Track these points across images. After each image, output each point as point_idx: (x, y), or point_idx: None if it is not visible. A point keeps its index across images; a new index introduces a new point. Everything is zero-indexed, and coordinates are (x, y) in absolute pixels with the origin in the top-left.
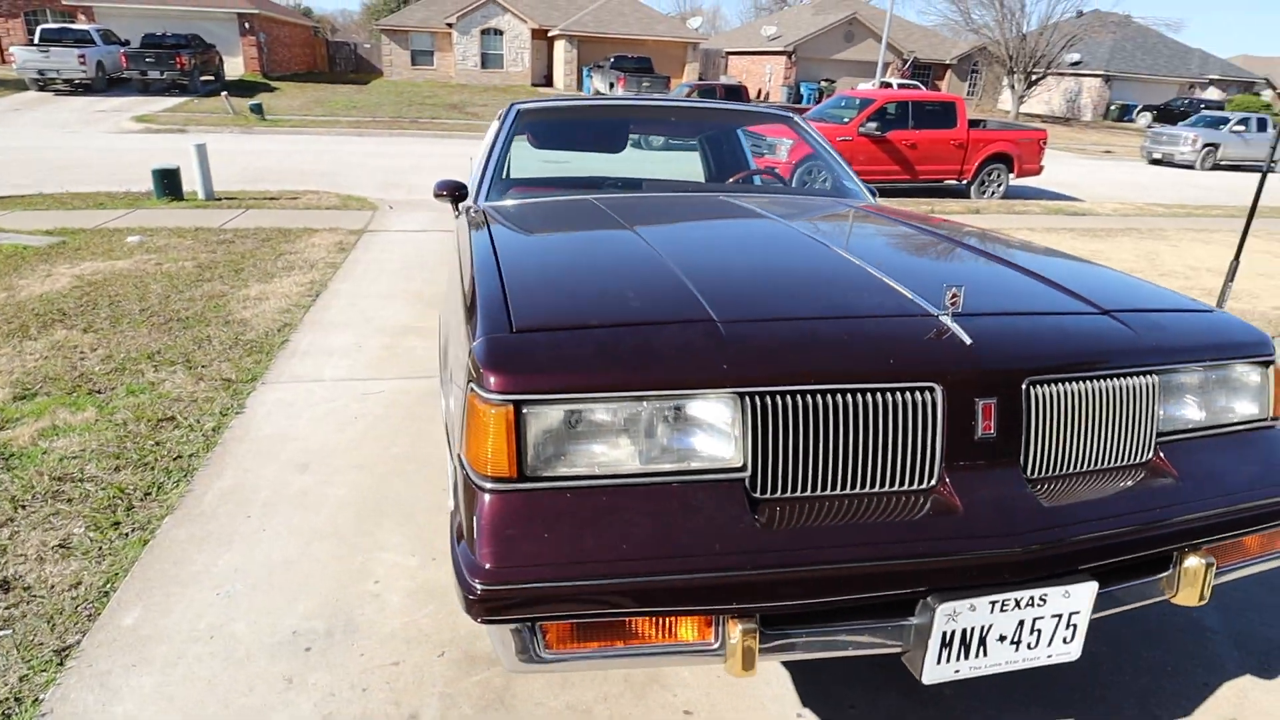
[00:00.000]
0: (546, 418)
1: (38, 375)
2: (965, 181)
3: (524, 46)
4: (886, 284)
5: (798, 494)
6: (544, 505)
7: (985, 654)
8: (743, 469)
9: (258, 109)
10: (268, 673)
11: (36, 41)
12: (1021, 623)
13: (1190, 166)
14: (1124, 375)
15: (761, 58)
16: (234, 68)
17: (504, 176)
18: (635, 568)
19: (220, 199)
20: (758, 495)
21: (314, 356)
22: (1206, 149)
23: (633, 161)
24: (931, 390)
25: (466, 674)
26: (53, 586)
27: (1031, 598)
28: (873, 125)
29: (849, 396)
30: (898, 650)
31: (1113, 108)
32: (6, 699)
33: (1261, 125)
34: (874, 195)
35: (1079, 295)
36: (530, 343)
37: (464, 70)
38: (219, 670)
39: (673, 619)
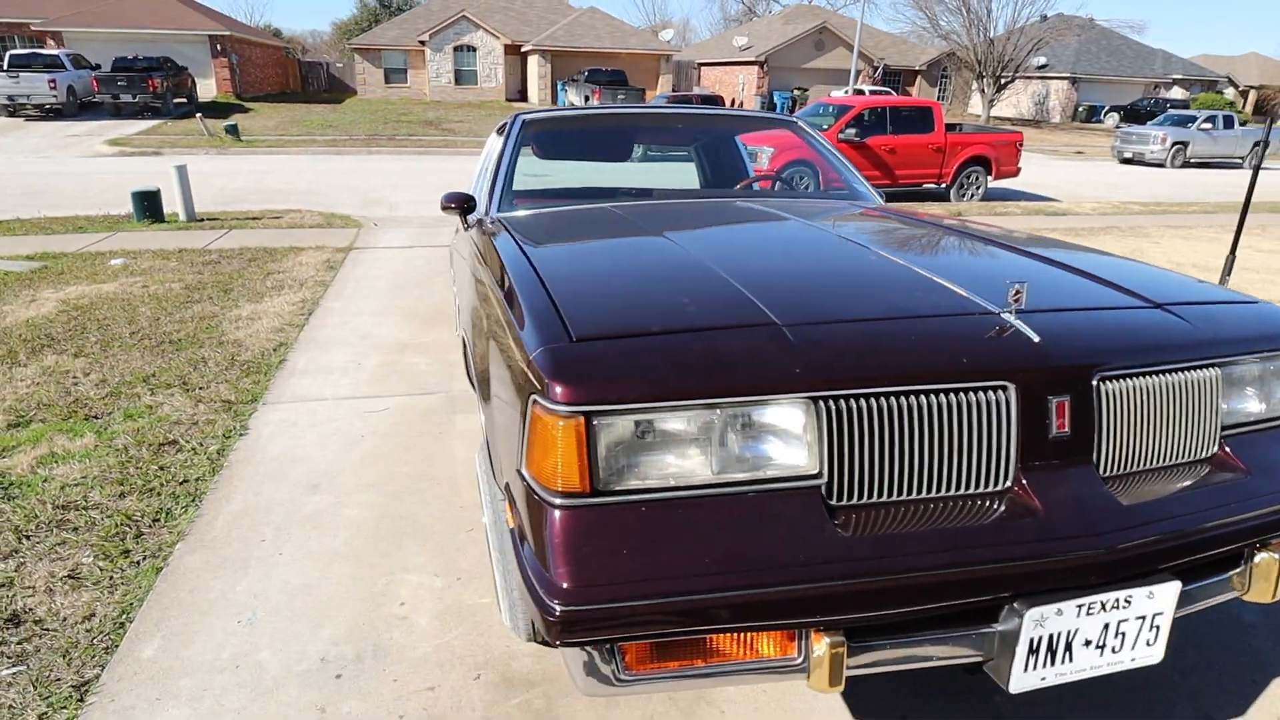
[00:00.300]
0: (617, 429)
1: (31, 402)
2: (945, 185)
3: (497, 62)
4: (939, 283)
5: (874, 500)
6: (618, 520)
7: (1071, 659)
8: (818, 475)
9: (233, 130)
10: (299, 701)
11: (5, 67)
12: (1106, 626)
13: (1161, 165)
14: (1187, 368)
15: (734, 68)
16: (207, 90)
17: (513, 188)
18: (717, 582)
19: (202, 220)
20: (834, 502)
21: (313, 375)
22: (1176, 147)
23: (631, 172)
24: (1004, 389)
25: (506, 697)
26: (65, 619)
27: (1116, 600)
28: (852, 131)
29: (922, 398)
30: (980, 659)
31: (1080, 109)
32: None
33: (1228, 122)
34: (883, 198)
35: (1128, 290)
36: (594, 351)
37: (438, 87)
38: (247, 701)
39: (754, 635)
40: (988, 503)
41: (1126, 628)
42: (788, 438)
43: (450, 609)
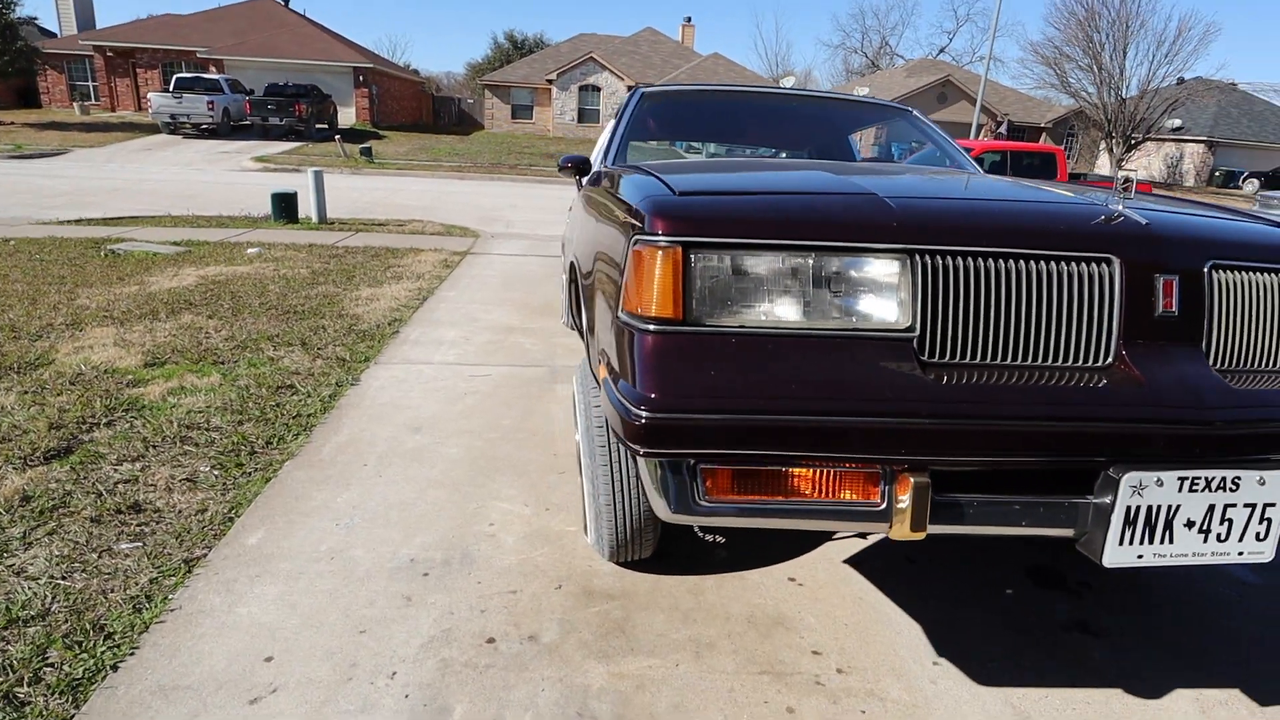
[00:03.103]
0: (712, 264)
1: (167, 348)
2: None
3: (620, 102)
4: (1050, 190)
5: (968, 361)
6: (708, 345)
7: (1171, 540)
8: (910, 330)
9: (367, 152)
10: (387, 590)
11: (171, 89)
12: (1211, 508)
13: None
14: None
15: None
16: (347, 117)
17: (628, 148)
18: (805, 405)
19: (333, 223)
20: (926, 359)
21: (423, 345)
22: None
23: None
24: (1108, 262)
25: (585, 605)
26: (180, 511)
27: (1224, 479)
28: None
29: (1022, 263)
30: (1070, 535)
31: (1217, 174)
32: (138, 595)
33: None
34: None
35: (1245, 213)
36: (696, 198)
37: (561, 124)
38: (340, 586)
39: (837, 477)
40: (1088, 374)
41: (1234, 514)
42: (881, 291)
43: (537, 532)
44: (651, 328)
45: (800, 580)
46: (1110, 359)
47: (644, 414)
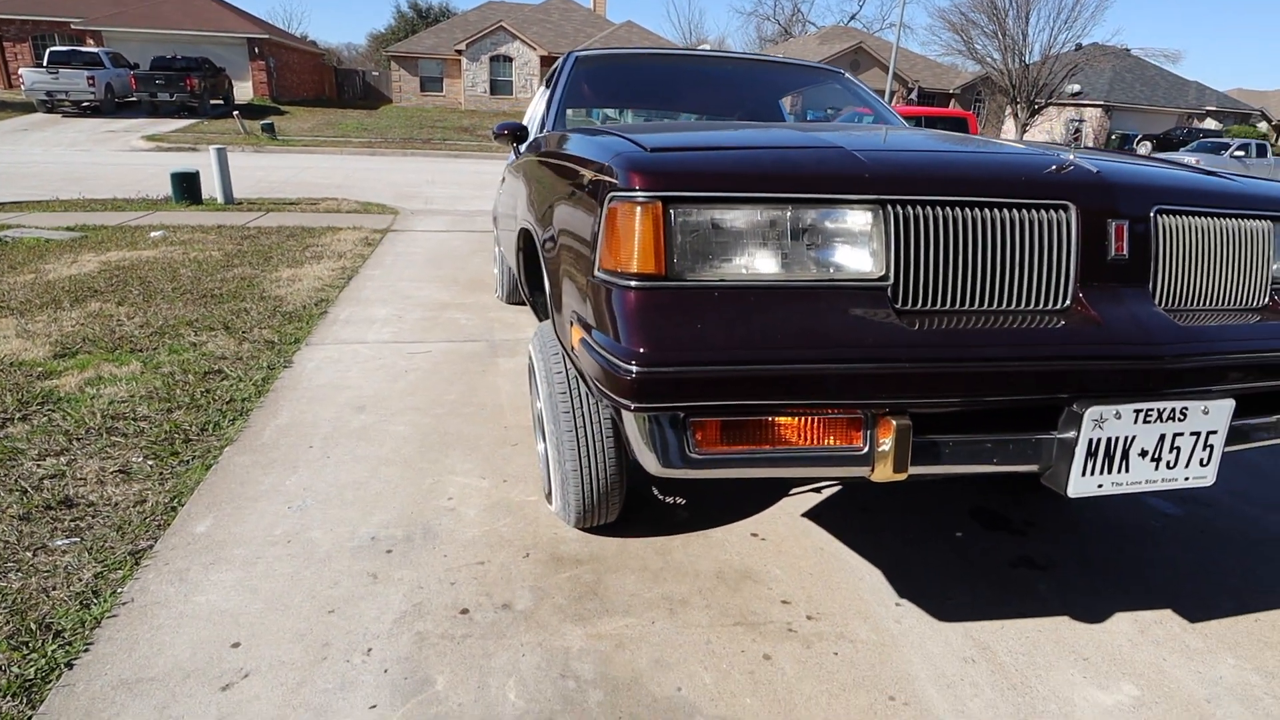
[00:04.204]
0: (692, 218)
1: (76, 337)
2: None
3: (533, 73)
4: (1006, 143)
5: (938, 307)
6: (691, 299)
7: (1127, 469)
8: (884, 279)
9: (269, 129)
10: (351, 569)
11: (45, 64)
12: (1162, 437)
13: None
14: (1239, 217)
15: None
16: (243, 92)
17: (566, 112)
18: (787, 354)
19: (240, 203)
20: (900, 306)
21: (355, 325)
22: None
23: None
24: (1065, 209)
25: (555, 571)
26: (116, 504)
27: (1173, 410)
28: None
29: (986, 211)
30: (1037, 469)
31: (1114, 137)
32: (84, 591)
33: (1261, 150)
34: None
35: (1188, 165)
36: (671, 154)
37: (473, 96)
38: (301, 568)
39: (821, 424)
40: (1049, 317)
41: (1181, 442)
42: (855, 241)
43: (498, 504)
44: (634, 284)
45: (762, 535)
46: (1068, 301)
47: (634, 369)
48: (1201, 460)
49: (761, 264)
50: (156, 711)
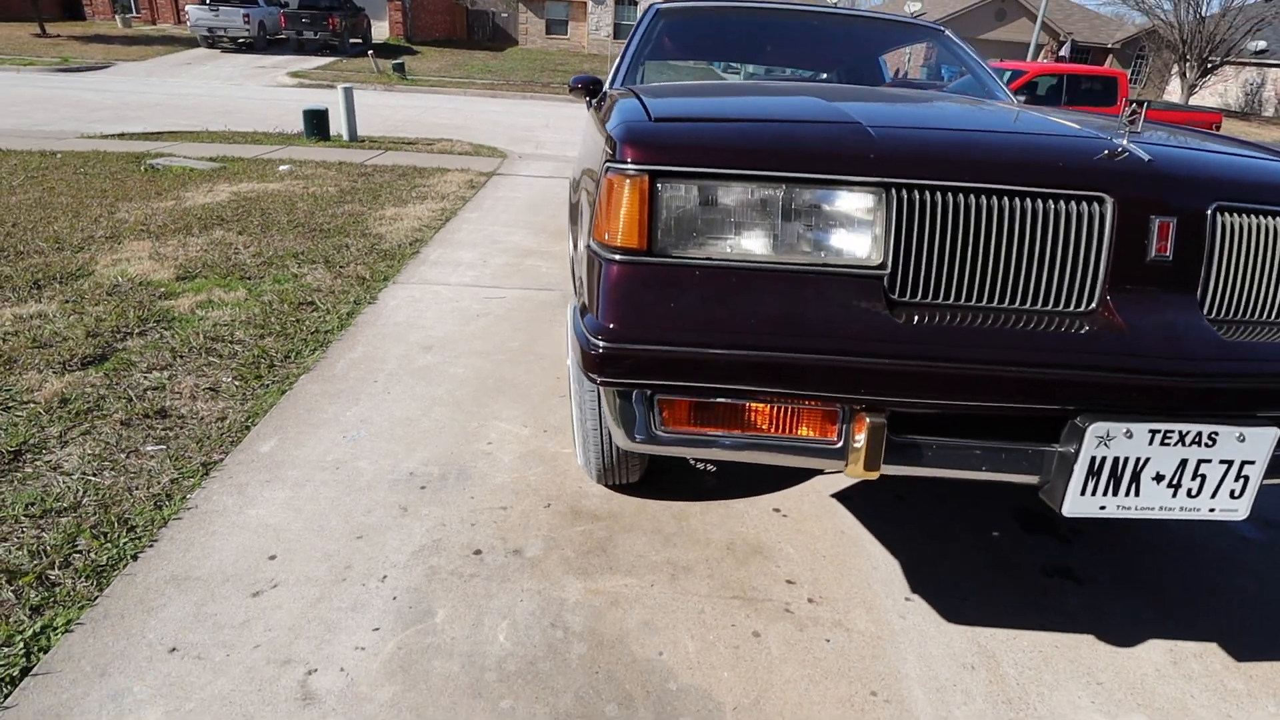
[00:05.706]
0: (680, 194)
1: (197, 263)
2: None
3: None
4: (1054, 120)
5: (940, 301)
6: (671, 276)
7: (1137, 493)
8: (881, 267)
9: (400, 69)
10: (385, 500)
11: (208, 2)
12: (1184, 462)
13: None
14: None
15: None
16: (380, 31)
17: (639, 67)
18: (763, 341)
19: (363, 141)
20: (896, 297)
21: (442, 266)
22: None
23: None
24: (1100, 201)
25: (571, 524)
26: (202, 419)
27: (1199, 434)
28: (1021, 99)
29: (1005, 200)
30: (1034, 482)
31: None
32: (159, 494)
33: None
34: None
35: (1265, 147)
36: (669, 125)
37: (596, 40)
38: (342, 494)
39: (795, 414)
40: (1065, 321)
41: (1208, 470)
42: (854, 225)
43: (532, 453)
44: (617, 257)
45: (785, 511)
46: (1094, 305)
47: (600, 344)
48: (1233, 492)
49: (750, 245)
50: (195, 607)
